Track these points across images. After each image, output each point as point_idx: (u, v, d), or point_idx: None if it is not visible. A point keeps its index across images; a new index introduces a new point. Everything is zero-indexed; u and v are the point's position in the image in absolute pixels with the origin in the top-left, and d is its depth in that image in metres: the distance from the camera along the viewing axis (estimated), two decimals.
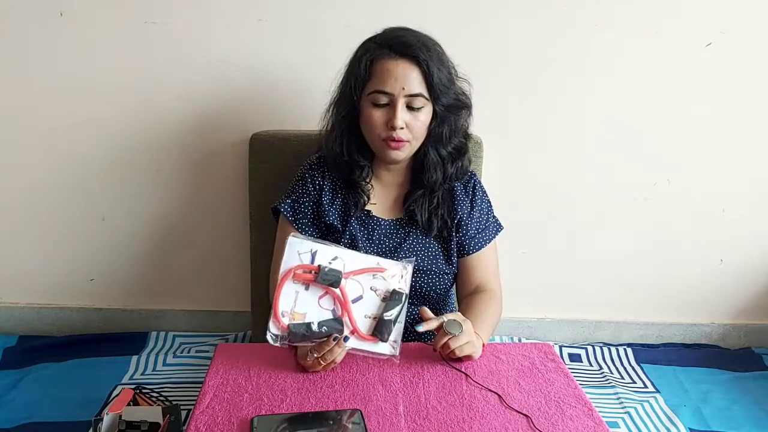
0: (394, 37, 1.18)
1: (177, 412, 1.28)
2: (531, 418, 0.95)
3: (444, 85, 1.18)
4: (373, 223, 1.29)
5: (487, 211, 1.36)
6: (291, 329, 0.98)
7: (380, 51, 1.18)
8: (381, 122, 1.19)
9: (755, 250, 1.90)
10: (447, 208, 1.30)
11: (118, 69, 1.66)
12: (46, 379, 1.65)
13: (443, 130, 1.23)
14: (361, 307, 1.03)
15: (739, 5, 1.65)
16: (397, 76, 1.16)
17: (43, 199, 1.79)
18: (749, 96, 1.74)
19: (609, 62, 1.69)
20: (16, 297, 1.90)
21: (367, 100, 1.20)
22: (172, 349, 1.82)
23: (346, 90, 1.23)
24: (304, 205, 1.29)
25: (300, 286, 1.02)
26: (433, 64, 1.16)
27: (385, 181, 1.32)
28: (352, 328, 1.01)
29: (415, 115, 1.18)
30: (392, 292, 1.06)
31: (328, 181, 1.30)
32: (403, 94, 1.16)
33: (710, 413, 1.62)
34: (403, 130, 1.18)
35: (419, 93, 1.17)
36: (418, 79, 1.16)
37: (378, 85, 1.17)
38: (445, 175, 1.27)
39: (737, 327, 1.98)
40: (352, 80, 1.21)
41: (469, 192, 1.34)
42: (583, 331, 1.97)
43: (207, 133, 1.73)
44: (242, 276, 1.78)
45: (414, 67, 1.16)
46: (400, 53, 1.16)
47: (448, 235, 1.30)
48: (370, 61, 1.18)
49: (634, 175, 1.81)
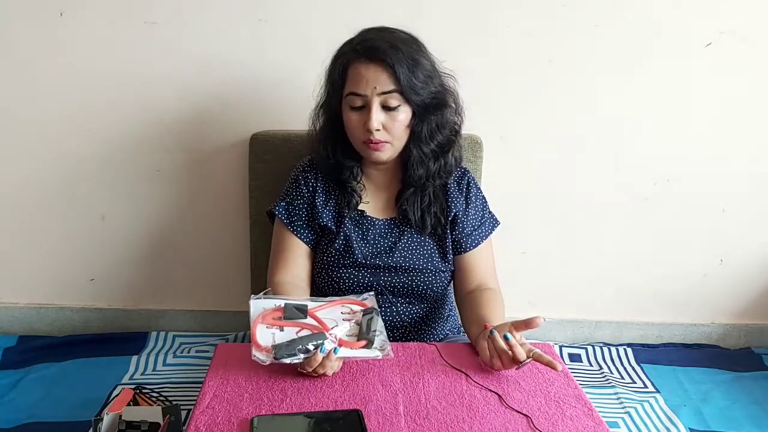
0: (364, 40, 1.19)
1: (177, 412, 1.28)
2: (531, 418, 0.95)
3: (418, 83, 1.17)
4: (367, 223, 1.29)
5: (482, 207, 1.36)
6: (276, 349, 0.97)
7: (352, 55, 1.19)
8: (359, 125, 1.19)
9: (755, 250, 1.91)
10: (440, 206, 1.30)
11: (118, 69, 1.66)
12: (46, 379, 1.65)
13: (422, 128, 1.22)
14: (339, 332, 1.04)
15: (739, 5, 1.65)
16: (368, 78, 1.16)
17: (43, 199, 1.79)
18: (749, 96, 1.74)
19: (609, 62, 1.69)
20: (16, 297, 1.90)
21: (345, 103, 1.21)
22: (172, 349, 1.82)
23: (327, 94, 1.25)
24: (299, 208, 1.30)
25: (275, 330, 1.03)
26: (403, 65, 1.15)
27: (376, 181, 1.32)
28: (337, 342, 1.01)
29: (393, 115, 1.18)
30: (363, 312, 1.08)
31: (321, 183, 1.31)
32: (375, 93, 1.16)
33: (710, 413, 1.62)
34: (380, 131, 1.18)
35: (392, 90, 1.16)
36: (389, 79, 1.16)
37: (352, 88, 1.18)
38: (428, 172, 1.26)
39: (737, 327, 1.98)
40: (330, 84, 1.24)
41: (463, 189, 1.33)
42: (583, 331, 1.97)
43: (207, 133, 1.73)
44: (242, 276, 1.78)
45: (385, 68, 1.16)
46: (370, 57, 1.16)
47: (442, 232, 1.30)
48: (344, 65, 1.20)
49: (634, 175, 1.81)
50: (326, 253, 1.27)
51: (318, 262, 1.29)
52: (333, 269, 1.26)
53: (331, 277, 1.27)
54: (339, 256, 1.26)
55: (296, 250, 1.29)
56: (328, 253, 1.27)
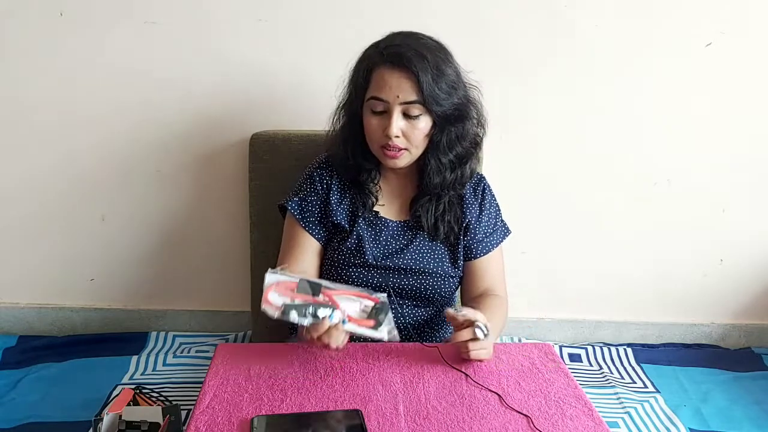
0: (390, 46, 1.18)
1: (177, 412, 1.28)
2: (531, 418, 0.95)
3: (441, 94, 1.16)
4: (380, 224, 1.29)
5: (495, 215, 1.36)
6: (285, 307, 0.98)
7: (377, 59, 1.18)
8: (378, 130, 1.19)
9: (755, 250, 1.91)
10: (454, 214, 1.30)
11: (118, 69, 1.66)
12: (46, 379, 1.65)
13: (442, 138, 1.21)
14: (349, 308, 1.03)
15: (739, 5, 1.65)
16: (392, 84, 1.15)
17: (43, 199, 1.79)
18: (749, 96, 1.74)
19: (609, 62, 1.69)
20: (16, 297, 1.90)
21: (366, 106, 1.20)
22: (172, 349, 1.82)
23: (349, 95, 1.25)
24: (312, 204, 1.29)
25: (286, 298, 1.01)
26: (427, 74, 1.14)
27: (392, 184, 1.32)
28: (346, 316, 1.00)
29: (413, 123, 1.18)
30: (374, 305, 1.07)
31: (336, 181, 1.30)
32: (398, 102, 1.16)
33: (710, 413, 1.62)
34: (399, 138, 1.18)
35: (414, 101, 1.16)
36: (413, 88, 1.15)
37: (374, 92, 1.17)
38: (444, 182, 1.25)
39: (737, 327, 1.98)
40: (353, 86, 1.23)
41: (478, 195, 1.33)
42: (583, 331, 1.97)
43: (207, 133, 1.73)
44: (242, 276, 1.78)
45: (409, 76, 1.15)
46: (395, 63, 1.15)
47: (455, 239, 1.30)
48: (369, 68, 1.19)
49: (634, 175, 1.81)
50: (337, 251, 1.27)
51: (328, 260, 1.29)
52: (342, 268, 1.26)
53: (340, 275, 1.26)
54: (350, 255, 1.26)
55: (306, 246, 1.28)
56: (339, 252, 1.27)
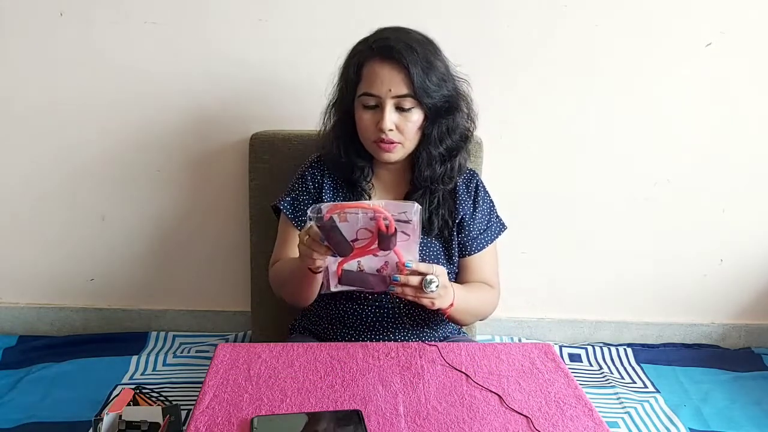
0: (380, 39, 1.19)
1: (177, 412, 1.28)
2: (531, 418, 0.95)
3: (431, 86, 1.17)
4: None
5: (489, 211, 1.36)
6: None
7: (367, 54, 1.18)
8: (371, 124, 1.19)
9: (755, 250, 1.90)
10: (448, 208, 1.30)
11: (117, 69, 1.66)
12: (46, 379, 1.65)
13: (433, 131, 1.22)
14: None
15: (739, 5, 1.65)
16: (383, 78, 1.16)
17: (43, 199, 1.79)
18: (749, 96, 1.74)
19: (609, 62, 1.69)
20: (16, 297, 1.90)
21: (358, 102, 1.20)
22: (172, 349, 1.82)
23: (340, 92, 1.25)
24: (304, 203, 1.30)
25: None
26: (417, 66, 1.15)
27: (385, 180, 1.32)
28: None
29: (406, 116, 1.18)
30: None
31: (328, 180, 1.31)
32: (390, 95, 1.16)
33: (710, 413, 1.62)
34: (393, 131, 1.18)
35: (406, 94, 1.16)
36: (404, 81, 1.16)
37: (366, 88, 1.18)
38: (434, 175, 1.25)
39: (737, 327, 1.98)
40: (343, 83, 1.23)
41: (471, 192, 1.34)
42: (583, 331, 1.97)
43: (207, 133, 1.73)
44: (242, 276, 1.78)
45: (400, 69, 1.15)
46: (385, 56, 1.16)
47: (449, 235, 1.30)
48: (359, 64, 1.19)
49: (634, 175, 1.81)
50: None
51: None
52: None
53: None
54: None
55: None
56: None
